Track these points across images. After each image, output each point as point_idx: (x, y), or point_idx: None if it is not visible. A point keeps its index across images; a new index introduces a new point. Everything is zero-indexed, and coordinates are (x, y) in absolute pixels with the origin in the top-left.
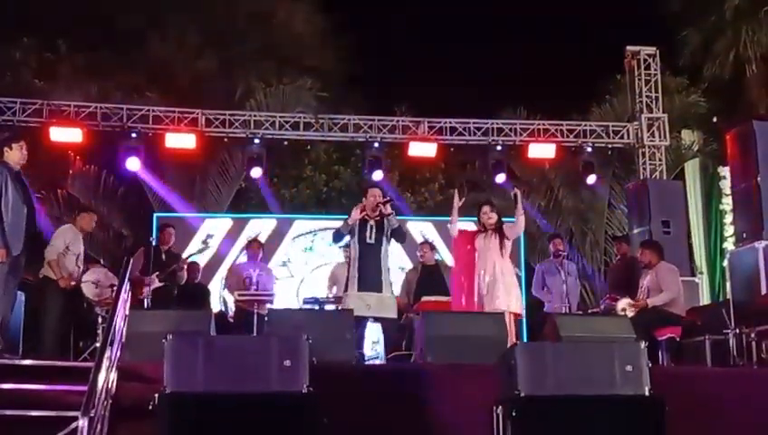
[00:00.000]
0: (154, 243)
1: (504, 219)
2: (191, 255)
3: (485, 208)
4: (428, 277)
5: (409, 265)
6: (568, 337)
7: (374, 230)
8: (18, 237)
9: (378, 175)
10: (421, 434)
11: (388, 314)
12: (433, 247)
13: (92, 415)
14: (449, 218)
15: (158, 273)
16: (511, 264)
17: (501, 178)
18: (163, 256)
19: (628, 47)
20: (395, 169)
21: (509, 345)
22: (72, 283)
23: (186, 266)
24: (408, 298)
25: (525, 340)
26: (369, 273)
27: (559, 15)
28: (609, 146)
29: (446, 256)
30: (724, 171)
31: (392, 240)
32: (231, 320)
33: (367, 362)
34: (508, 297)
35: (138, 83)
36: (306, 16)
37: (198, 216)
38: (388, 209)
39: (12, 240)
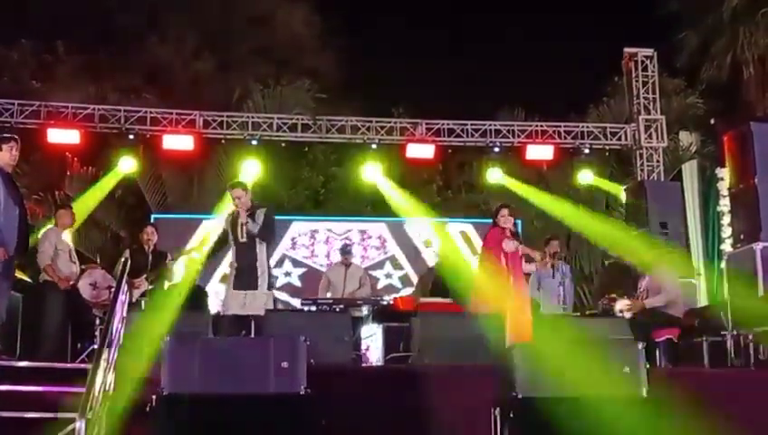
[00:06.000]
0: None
1: None
2: (187, 251)
3: (504, 212)
4: (442, 279)
5: (407, 264)
6: (566, 339)
7: (245, 229)
8: (11, 239)
9: (375, 173)
10: None
11: (259, 310)
12: None
13: (90, 417)
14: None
15: (145, 275)
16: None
17: (496, 174)
18: (149, 257)
19: (626, 49)
20: (392, 170)
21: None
22: (71, 282)
23: (173, 266)
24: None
25: None
26: (244, 271)
27: (557, 17)
28: (607, 147)
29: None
30: (722, 173)
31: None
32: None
33: (364, 364)
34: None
35: (135, 85)
36: (304, 18)
37: (196, 217)
38: (243, 218)
39: (6, 241)
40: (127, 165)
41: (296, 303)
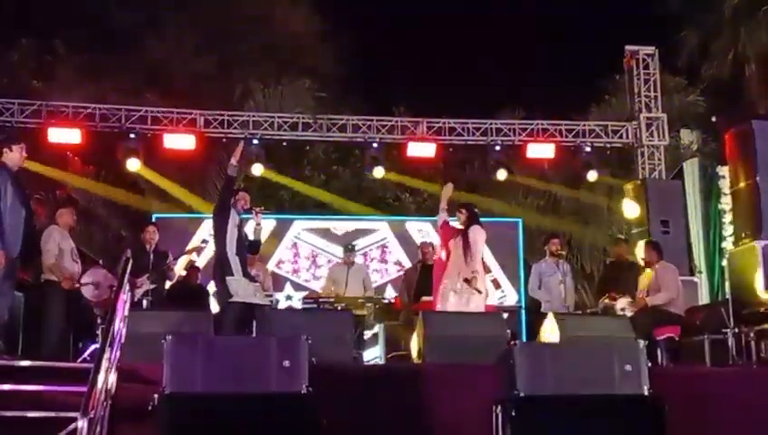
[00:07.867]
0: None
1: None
2: (188, 251)
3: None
4: (428, 277)
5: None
6: (567, 337)
7: (244, 226)
8: (16, 240)
9: (378, 172)
10: (420, 434)
11: (265, 300)
12: (434, 247)
13: (92, 416)
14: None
15: (147, 275)
16: (477, 267)
17: (502, 174)
18: (151, 257)
19: (627, 47)
20: (393, 169)
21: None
22: (76, 285)
23: (174, 266)
24: (408, 297)
25: (525, 340)
26: (245, 265)
27: (558, 15)
28: (608, 146)
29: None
30: (723, 171)
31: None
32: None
33: (366, 363)
34: (471, 304)
35: (136, 84)
36: (304, 17)
37: (197, 216)
38: (260, 218)
39: (10, 242)
40: (130, 165)
41: None
